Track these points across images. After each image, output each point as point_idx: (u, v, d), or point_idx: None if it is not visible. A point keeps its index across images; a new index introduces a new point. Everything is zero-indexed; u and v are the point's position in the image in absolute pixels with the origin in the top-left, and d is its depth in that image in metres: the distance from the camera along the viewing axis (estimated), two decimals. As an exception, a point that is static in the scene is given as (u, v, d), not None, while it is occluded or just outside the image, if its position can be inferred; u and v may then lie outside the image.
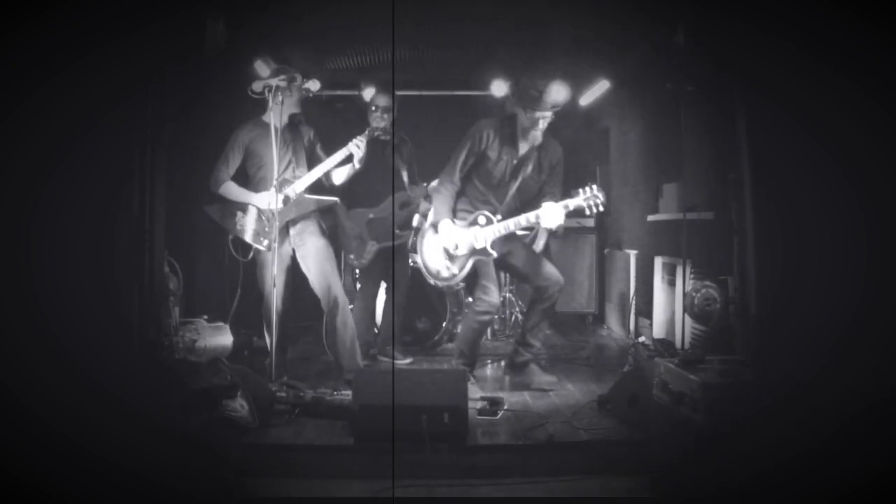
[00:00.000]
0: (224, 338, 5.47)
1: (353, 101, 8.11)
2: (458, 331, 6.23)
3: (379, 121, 6.32)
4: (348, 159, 5.63)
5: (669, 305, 6.65)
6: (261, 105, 5.45)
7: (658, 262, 6.97)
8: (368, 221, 6.38)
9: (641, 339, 7.14)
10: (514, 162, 5.42)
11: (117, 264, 4.21)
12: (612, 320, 8.31)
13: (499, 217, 5.36)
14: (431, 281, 5.65)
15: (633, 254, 7.63)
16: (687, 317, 5.62)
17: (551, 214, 5.13)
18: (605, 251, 8.61)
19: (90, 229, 3.97)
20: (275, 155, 5.18)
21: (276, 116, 5.21)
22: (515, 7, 5.65)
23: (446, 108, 8.43)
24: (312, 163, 5.67)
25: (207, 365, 4.79)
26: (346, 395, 4.75)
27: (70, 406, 3.64)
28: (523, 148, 5.40)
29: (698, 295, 5.36)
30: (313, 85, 5.52)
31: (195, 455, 3.88)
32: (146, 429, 3.78)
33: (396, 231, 6.44)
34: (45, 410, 3.58)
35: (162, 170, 4.74)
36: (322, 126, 6.08)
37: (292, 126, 5.66)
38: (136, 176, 4.46)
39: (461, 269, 5.48)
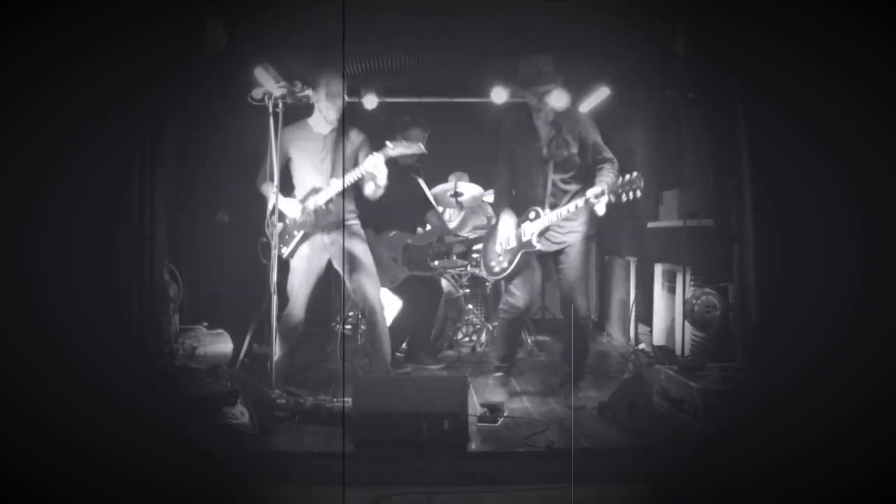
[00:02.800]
0: (224, 345, 5.48)
1: (354, 108, 8.11)
2: None
3: (406, 158, 6.30)
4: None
5: (669, 312, 6.64)
6: (260, 111, 5.46)
7: (658, 269, 6.97)
8: (405, 247, 6.40)
9: (641, 346, 7.14)
10: (541, 146, 5.35)
11: (118, 272, 4.22)
12: (613, 327, 8.30)
13: (546, 210, 5.31)
14: (488, 277, 5.81)
15: (633, 261, 7.62)
16: (687, 324, 5.62)
17: (598, 198, 5.11)
18: (606, 258, 8.61)
19: (89, 237, 3.96)
20: (274, 157, 5.16)
21: (274, 132, 5.21)
22: (514, 13, 5.65)
23: (446, 115, 8.43)
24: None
25: (207, 371, 4.79)
26: (347, 402, 4.75)
27: (70, 414, 3.64)
28: (543, 130, 5.34)
29: (698, 302, 5.36)
30: (370, 102, 5.54)
31: (195, 461, 3.88)
32: (146, 436, 3.78)
33: (429, 263, 6.50)
34: (47, 414, 3.58)
35: (162, 176, 4.75)
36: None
37: (339, 134, 5.65)
38: (135, 182, 4.47)
39: (510, 263, 5.44)
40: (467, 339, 7.36)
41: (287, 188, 5.58)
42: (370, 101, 8.03)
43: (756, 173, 4.61)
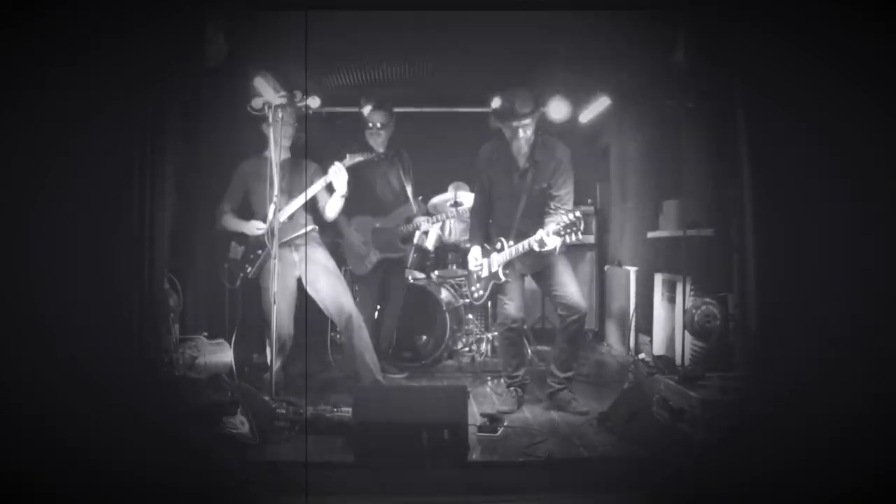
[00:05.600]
0: (224, 354, 5.48)
1: (354, 117, 8.10)
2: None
3: (375, 137, 6.36)
4: (332, 188, 5.68)
5: (669, 322, 6.64)
6: (260, 122, 5.47)
7: (658, 278, 6.96)
8: (374, 231, 6.42)
9: (641, 355, 7.13)
10: (517, 177, 5.39)
11: (117, 281, 4.21)
12: (612, 337, 8.29)
13: (511, 242, 5.34)
14: (474, 303, 5.87)
15: (633, 270, 7.62)
16: (687, 333, 5.61)
17: (546, 241, 5.10)
18: (605, 268, 8.61)
19: (88, 247, 3.96)
20: (276, 182, 5.20)
21: (275, 142, 5.27)
22: (514, 22, 5.66)
23: (446, 124, 8.43)
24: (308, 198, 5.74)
25: (208, 381, 4.78)
26: (346, 411, 4.75)
27: (70, 423, 3.64)
28: (521, 161, 5.36)
29: (698, 312, 5.36)
30: (313, 102, 5.56)
31: (196, 470, 3.87)
32: (146, 446, 3.78)
33: (399, 244, 6.49)
34: (47, 423, 3.58)
35: (162, 185, 4.75)
36: (322, 142, 6.13)
37: (294, 162, 5.73)
38: (135, 191, 4.46)
39: (485, 290, 5.60)
40: (467, 348, 7.35)
41: (247, 215, 5.73)
42: (367, 111, 8.01)
43: (756, 183, 4.60)
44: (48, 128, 3.81)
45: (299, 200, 5.61)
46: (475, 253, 5.59)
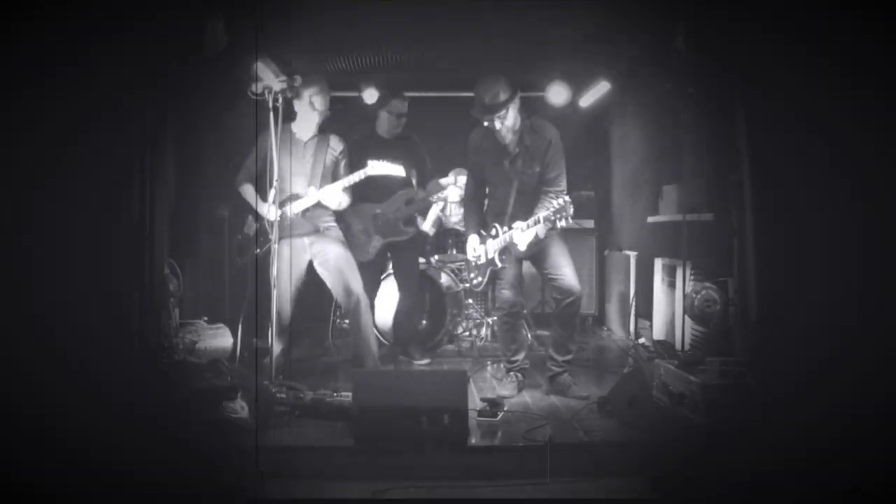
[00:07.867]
0: (224, 339, 5.48)
1: (354, 102, 8.10)
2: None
3: (395, 127, 6.33)
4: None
5: (669, 307, 6.64)
6: (262, 107, 5.44)
7: (658, 263, 6.96)
8: (374, 216, 6.39)
9: (641, 340, 7.14)
10: (507, 163, 5.36)
11: (117, 266, 4.21)
12: (613, 322, 8.30)
13: (505, 228, 5.33)
14: (468, 285, 5.92)
15: (633, 255, 7.62)
16: (687, 318, 5.61)
17: (520, 237, 5.14)
18: (605, 252, 8.61)
19: (90, 232, 3.96)
20: (276, 168, 5.16)
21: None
22: (515, 7, 5.64)
23: (446, 109, 8.41)
24: (333, 179, 5.70)
25: (207, 366, 4.78)
26: (346, 396, 4.75)
27: (70, 409, 3.64)
28: (511, 147, 5.32)
29: (698, 296, 5.36)
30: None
31: (196, 455, 3.88)
32: (146, 431, 3.78)
33: (402, 227, 6.47)
34: (45, 414, 3.58)
35: (162, 171, 4.74)
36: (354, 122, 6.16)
37: (320, 140, 5.69)
38: (136, 177, 4.45)
39: (484, 277, 5.60)
40: (467, 333, 7.36)
41: (265, 190, 5.64)
42: (370, 96, 8.00)
43: (756, 168, 4.60)
44: (50, 115, 3.81)
45: (309, 199, 5.58)
46: (472, 242, 5.58)
